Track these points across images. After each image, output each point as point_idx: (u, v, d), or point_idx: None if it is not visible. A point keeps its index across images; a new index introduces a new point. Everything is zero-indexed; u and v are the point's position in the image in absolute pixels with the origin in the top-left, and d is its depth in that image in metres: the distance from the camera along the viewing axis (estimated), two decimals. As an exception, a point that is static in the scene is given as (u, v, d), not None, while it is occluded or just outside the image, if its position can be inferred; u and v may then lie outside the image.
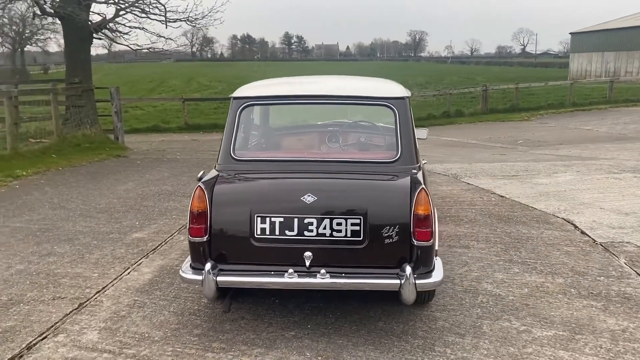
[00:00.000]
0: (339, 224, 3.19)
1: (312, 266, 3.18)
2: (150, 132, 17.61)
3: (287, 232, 3.21)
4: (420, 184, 3.26)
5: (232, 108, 3.76)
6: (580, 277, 4.24)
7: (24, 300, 3.93)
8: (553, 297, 3.89)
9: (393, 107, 3.64)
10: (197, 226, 3.27)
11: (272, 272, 3.21)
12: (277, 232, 3.21)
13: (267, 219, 3.22)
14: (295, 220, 3.20)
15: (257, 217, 3.23)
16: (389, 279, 3.14)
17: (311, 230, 3.19)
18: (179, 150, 12.67)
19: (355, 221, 3.19)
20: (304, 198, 3.21)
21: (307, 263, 3.18)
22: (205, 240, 3.27)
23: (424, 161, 4.90)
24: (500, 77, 40.80)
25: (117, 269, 4.54)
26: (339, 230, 3.19)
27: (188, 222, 3.31)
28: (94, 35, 12.74)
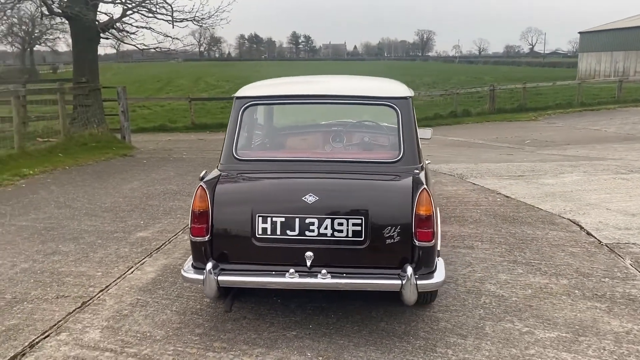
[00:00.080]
0: (341, 224, 3.18)
1: (313, 266, 3.17)
2: (157, 132, 17.68)
3: (288, 232, 3.20)
4: (422, 184, 3.25)
5: (234, 108, 3.77)
6: (584, 278, 4.21)
7: (27, 299, 3.95)
8: (557, 298, 3.87)
9: (395, 107, 3.62)
10: (199, 226, 3.27)
11: (274, 272, 3.21)
12: (278, 232, 3.21)
13: (269, 218, 3.22)
14: (297, 220, 3.20)
15: (259, 217, 3.23)
16: (390, 279, 3.13)
17: (312, 230, 3.19)
18: (185, 149, 12.71)
19: (357, 221, 3.18)
20: (306, 198, 3.20)
21: (308, 263, 3.17)
22: (206, 239, 3.28)
23: (427, 161, 4.88)
24: (508, 76, 40.60)
25: (120, 268, 4.55)
26: (340, 231, 3.18)
27: (190, 221, 3.32)
28: (101, 35, 12.80)
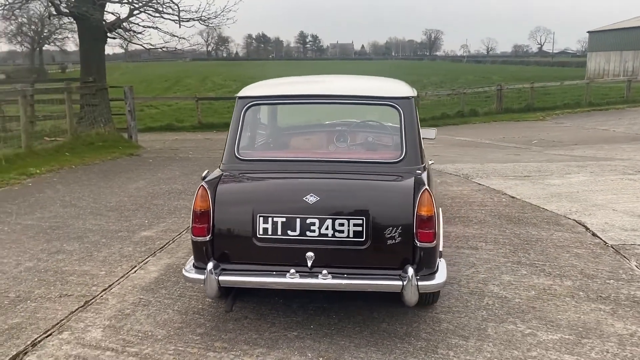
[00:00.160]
0: (342, 225, 3.17)
1: (314, 267, 3.17)
2: (164, 131, 17.75)
3: (289, 232, 3.20)
4: (423, 184, 3.23)
5: (236, 107, 3.77)
6: (589, 279, 4.18)
7: (31, 298, 3.97)
8: (560, 300, 3.84)
9: (398, 106, 3.61)
10: (200, 225, 3.27)
11: (274, 272, 3.20)
12: (279, 232, 3.21)
13: (270, 218, 3.21)
14: (298, 220, 3.19)
15: (260, 217, 3.22)
16: (391, 280, 3.12)
17: (313, 231, 3.18)
18: (192, 149, 12.75)
19: (358, 222, 3.17)
20: (307, 198, 3.20)
21: (309, 263, 3.17)
22: (207, 239, 3.28)
23: (430, 161, 4.86)
24: (516, 76, 40.36)
25: (124, 267, 4.57)
26: (341, 231, 3.17)
27: (191, 221, 3.32)
28: (108, 34, 12.86)
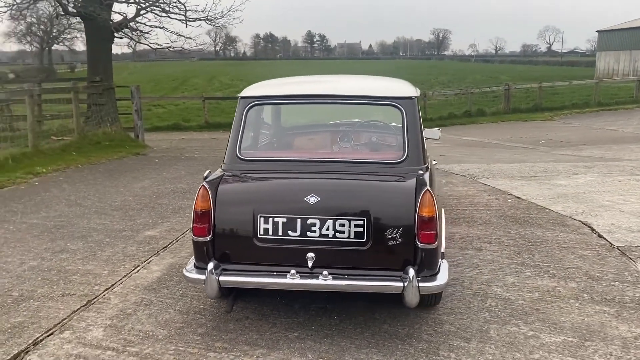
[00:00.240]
0: (342, 225, 3.16)
1: (314, 267, 3.15)
2: (171, 131, 17.79)
3: (290, 232, 3.19)
4: (425, 185, 3.20)
5: (239, 107, 3.77)
6: (594, 281, 4.14)
7: (34, 297, 3.99)
8: (564, 302, 3.80)
9: (400, 106, 3.59)
10: (201, 226, 3.27)
11: (275, 273, 3.19)
12: (280, 232, 3.20)
13: (270, 219, 3.20)
14: (298, 220, 3.18)
15: (260, 217, 3.21)
16: (392, 281, 3.10)
17: (314, 231, 3.17)
18: (198, 148, 12.77)
19: (359, 222, 3.15)
20: (307, 198, 3.18)
21: (310, 264, 3.15)
22: (208, 239, 3.27)
23: (434, 162, 4.83)
24: (525, 76, 40.15)
25: (127, 267, 4.58)
26: (342, 232, 3.16)
27: (192, 221, 3.32)
28: (115, 34, 12.90)
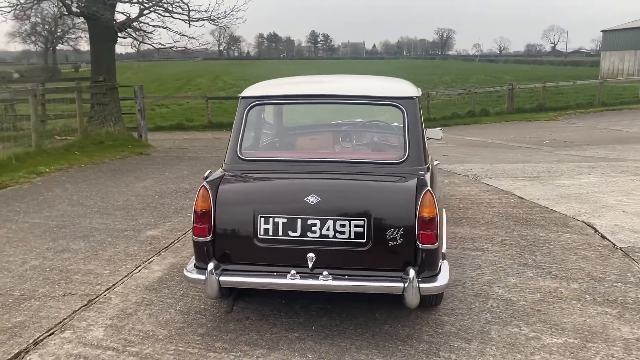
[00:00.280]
0: (343, 226, 3.15)
1: (314, 268, 3.15)
2: (174, 130, 17.81)
3: (290, 232, 3.18)
4: (426, 185, 3.19)
5: (239, 107, 3.76)
6: (596, 282, 4.12)
7: (35, 296, 3.99)
8: (566, 303, 3.78)
9: (401, 106, 3.57)
10: (201, 226, 3.27)
11: (275, 273, 3.19)
12: (280, 232, 3.19)
13: (271, 219, 3.20)
14: (299, 221, 3.17)
15: (261, 217, 3.21)
16: (392, 282, 3.09)
17: (314, 232, 3.16)
18: (201, 148, 12.78)
19: (359, 223, 3.14)
20: (308, 199, 3.18)
21: (310, 264, 3.15)
22: (209, 239, 3.27)
23: (436, 162, 4.82)
24: (529, 76, 40.04)
25: (128, 267, 4.58)
26: (342, 232, 3.15)
27: (192, 221, 3.32)
28: (119, 34, 12.93)
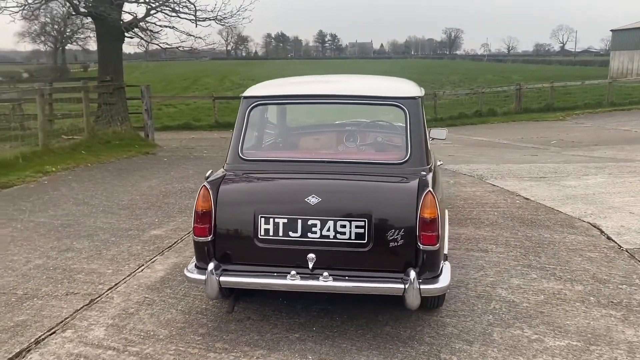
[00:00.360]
0: (343, 226, 3.13)
1: (315, 268, 3.13)
2: (181, 130, 17.88)
3: (290, 233, 3.17)
4: (427, 186, 3.17)
5: (241, 107, 3.76)
6: (601, 284, 4.08)
7: (38, 295, 4.01)
8: (570, 305, 3.75)
9: (403, 107, 3.55)
10: (202, 226, 3.27)
11: (275, 274, 3.18)
12: (280, 233, 3.18)
13: (271, 219, 3.19)
14: (299, 221, 3.16)
15: (261, 217, 3.20)
16: (393, 283, 3.07)
17: (315, 232, 3.15)
18: (207, 147, 12.80)
19: (360, 223, 3.12)
20: (308, 199, 3.16)
21: (310, 265, 3.13)
22: (209, 240, 3.27)
23: (439, 162, 4.79)
24: (537, 75, 39.82)
25: (131, 266, 4.59)
26: (343, 233, 3.13)
27: (193, 221, 3.32)
28: (126, 34, 12.97)
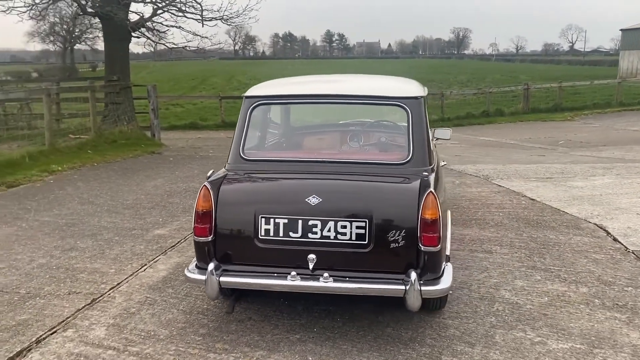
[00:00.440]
0: (344, 227, 3.11)
1: (315, 269, 3.11)
2: (188, 129, 17.88)
3: (291, 233, 3.15)
4: (429, 187, 3.14)
5: (243, 107, 3.74)
6: (606, 286, 4.03)
7: (40, 294, 4.02)
8: (574, 307, 3.71)
9: (405, 107, 3.53)
10: (202, 226, 3.26)
11: (275, 274, 3.16)
12: (281, 233, 3.16)
13: (272, 220, 3.17)
14: (300, 222, 3.14)
15: (262, 217, 3.18)
16: (394, 284, 3.05)
17: (315, 233, 3.13)
18: (213, 147, 12.80)
19: (361, 224, 3.10)
20: (309, 199, 3.14)
21: (311, 266, 3.12)
22: (209, 240, 3.26)
23: (443, 162, 4.76)
24: (546, 75, 39.59)
25: (134, 266, 4.59)
26: (343, 233, 3.11)
27: (193, 221, 3.31)
28: (132, 34, 13.01)
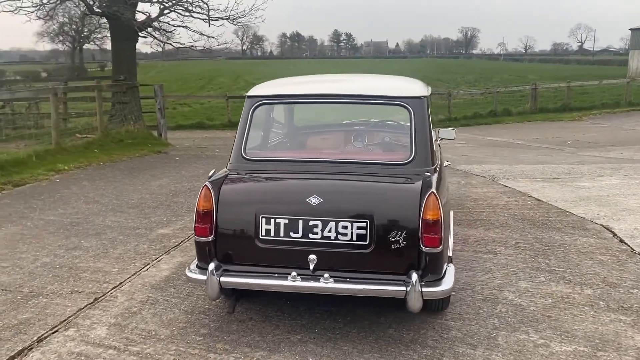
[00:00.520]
0: (345, 227, 3.10)
1: (316, 270, 3.10)
2: (194, 129, 17.94)
3: (291, 234, 3.14)
4: (430, 187, 3.11)
5: (245, 106, 3.72)
6: (611, 288, 3.99)
7: (43, 293, 4.03)
8: (578, 309, 3.67)
9: (408, 106, 3.50)
10: (203, 226, 3.25)
11: (276, 275, 3.15)
12: (281, 233, 3.15)
13: (272, 220, 3.16)
14: (300, 222, 3.13)
15: (262, 218, 3.17)
16: (395, 285, 3.03)
17: (316, 233, 3.12)
18: (219, 146, 12.82)
19: (362, 225, 3.08)
20: (310, 200, 3.13)
21: (311, 266, 3.10)
22: (210, 240, 3.25)
23: (447, 162, 4.73)
24: (554, 75, 39.36)
25: (137, 265, 4.59)
26: (344, 234, 3.10)
27: (194, 221, 3.30)
28: (139, 34, 13.05)
